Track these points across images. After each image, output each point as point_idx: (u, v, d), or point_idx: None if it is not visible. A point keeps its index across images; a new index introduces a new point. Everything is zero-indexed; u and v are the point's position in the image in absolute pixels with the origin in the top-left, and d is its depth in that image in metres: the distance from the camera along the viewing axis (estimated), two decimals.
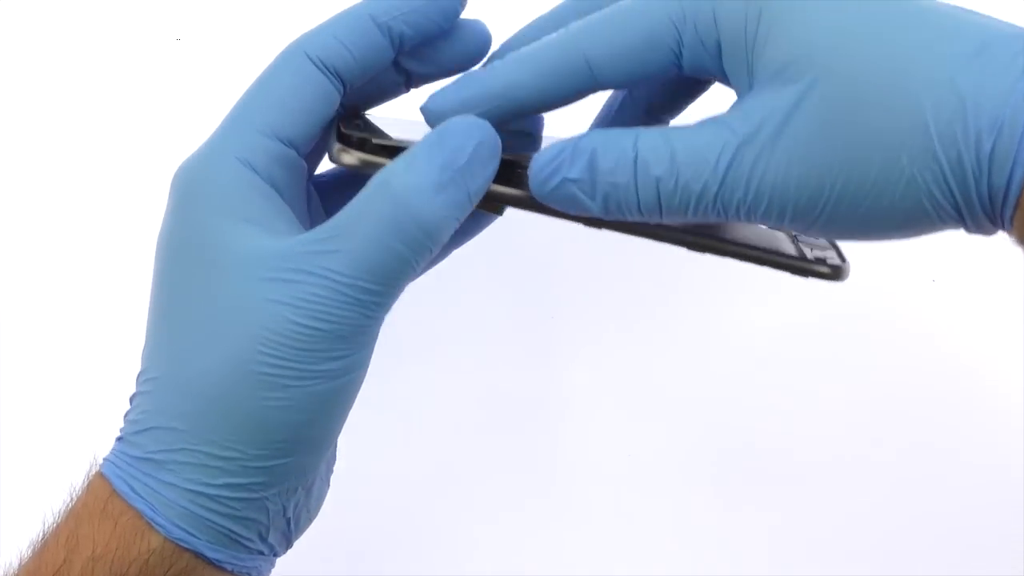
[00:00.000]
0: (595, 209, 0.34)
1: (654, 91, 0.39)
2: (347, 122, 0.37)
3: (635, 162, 0.33)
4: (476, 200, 0.34)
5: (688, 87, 0.39)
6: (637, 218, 0.34)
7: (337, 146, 0.35)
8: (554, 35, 0.35)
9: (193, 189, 0.35)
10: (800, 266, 0.37)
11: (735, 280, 0.50)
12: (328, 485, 0.38)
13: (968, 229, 0.32)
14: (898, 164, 0.30)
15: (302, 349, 0.32)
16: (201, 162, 0.35)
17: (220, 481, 0.33)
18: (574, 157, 0.33)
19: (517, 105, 0.35)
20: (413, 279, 0.34)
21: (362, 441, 0.48)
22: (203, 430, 0.33)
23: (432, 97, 0.35)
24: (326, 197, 0.40)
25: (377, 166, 0.34)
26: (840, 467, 0.48)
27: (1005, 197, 0.30)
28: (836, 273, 0.37)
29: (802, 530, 0.47)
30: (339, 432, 0.36)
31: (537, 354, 0.50)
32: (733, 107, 0.33)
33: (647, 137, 0.33)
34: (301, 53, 0.36)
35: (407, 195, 0.32)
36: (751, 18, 0.32)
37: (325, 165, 0.38)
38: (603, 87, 0.35)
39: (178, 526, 0.33)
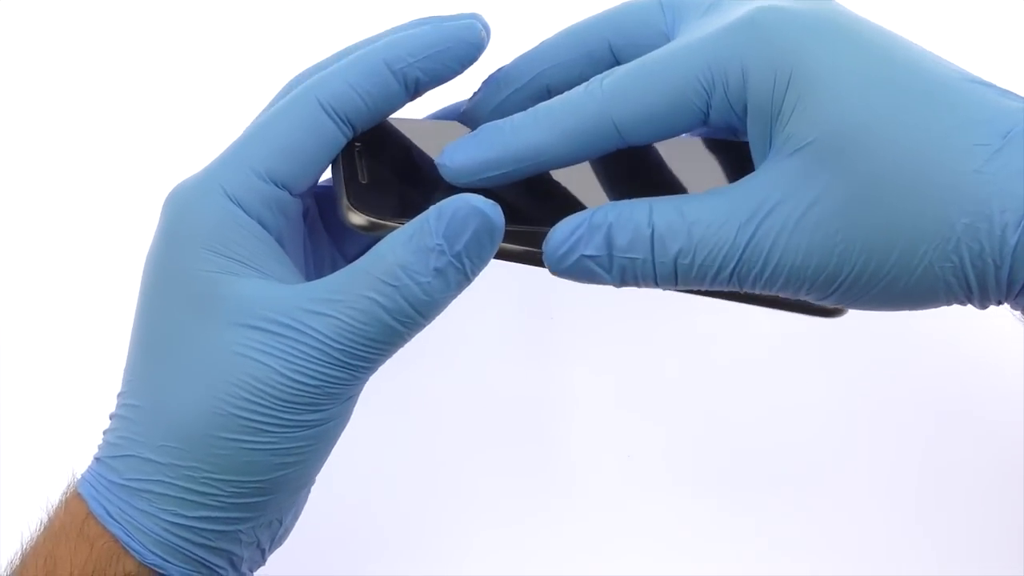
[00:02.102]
0: (612, 282, 0.34)
1: None
2: (355, 143, 0.36)
3: (652, 238, 0.33)
4: (475, 276, 0.33)
5: None
6: (652, 287, 0.34)
7: (345, 203, 0.34)
8: (577, 95, 0.34)
9: (182, 219, 0.34)
10: (804, 306, 0.37)
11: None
12: (302, 508, 0.38)
13: (970, 304, 0.32)
14: (918, 252, 0.31)
15: (287, 401, 0.32)
16: (192, 193, 0.35)
17: (196, 514, 0.33)
18: (590, 234, 0.33)
19: (539, 166, 0.34)
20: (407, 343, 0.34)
21: (359, 441, 0.48)
22: (181, 466, 0.33)
23: (450, 153, 0.35)
24: (327, 209, 0.40)
25: (386, 229, 0.34)
26: (840, 467, 0.48)
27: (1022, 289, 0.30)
28: (837, 310, 0.37)
29: (803, 531, 0.47)
30: (318, 471, 0.36)
31: (537, 354, 0.50)
32: (751, 179, 0.33)
33: (662, 211, 0.33)
34: (312, 98, 0.35)
35: (402, 276, 0.32)
36: (780, 82, 0.32)
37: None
38: (629, 145, 0.34)
39: (152, 552, 0.33)
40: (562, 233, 0.33)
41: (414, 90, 0.36)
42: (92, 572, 0.33)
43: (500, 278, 0.51)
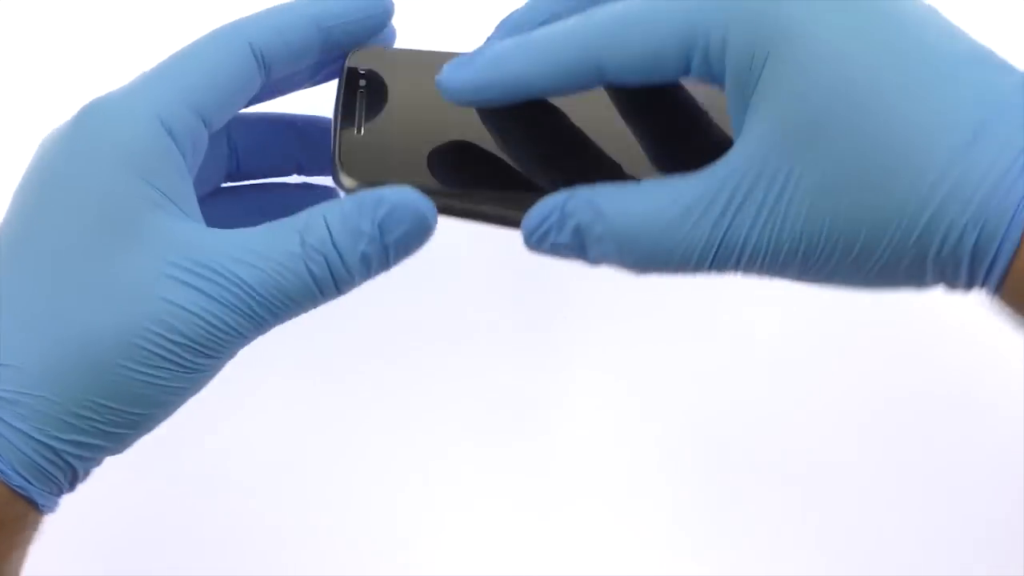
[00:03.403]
0: (590, 265, 0.34)
1: None
2: (359, 76, 0.37)
3: (621, 239, 0.33)
4: (395, 266, 0.34)
5: None
6: (632, 272, 0.34)
7: (337, 162, 0.35)
8: (570, 27, 0.34)
9: (104, 135, 0.34)
10: None
11: (735, 281, 0.50)
12: None
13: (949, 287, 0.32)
14: (883, 238, 0.31)
15: (194, 342, 0.33)
16: (119, 109, 0.34)
17: (69, 436, 0.33)
18: (561, 224, 0.34)
19: (527, 94, 0.35)
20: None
21: (361, 441, 0.48)
22: (70, 386, 0.32)
23: (449, 73, 0.35)
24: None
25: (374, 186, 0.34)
26: (840, 468, 0.48)
27: (985, 280, 0.30)
28: None
29: (802, 530, 0.47)
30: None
31: (537, 354, 0.50)
32: (725, 162, 0.32)
33: (630, 212, 0.33)
34: (236, 32, 0.35)
35: (332, 250, 0.33)
36: (758, 59, 0.32)
37: None
38: (612, 85, 0.35)
39: (19, 474, 0.33)
40: (535, 219, 0.34)
41: (330, 47, 0.37)
42: None
43: (501, 278, 0.51)
